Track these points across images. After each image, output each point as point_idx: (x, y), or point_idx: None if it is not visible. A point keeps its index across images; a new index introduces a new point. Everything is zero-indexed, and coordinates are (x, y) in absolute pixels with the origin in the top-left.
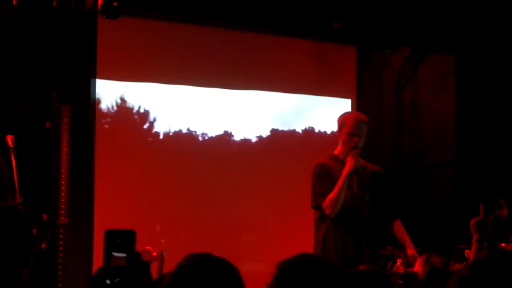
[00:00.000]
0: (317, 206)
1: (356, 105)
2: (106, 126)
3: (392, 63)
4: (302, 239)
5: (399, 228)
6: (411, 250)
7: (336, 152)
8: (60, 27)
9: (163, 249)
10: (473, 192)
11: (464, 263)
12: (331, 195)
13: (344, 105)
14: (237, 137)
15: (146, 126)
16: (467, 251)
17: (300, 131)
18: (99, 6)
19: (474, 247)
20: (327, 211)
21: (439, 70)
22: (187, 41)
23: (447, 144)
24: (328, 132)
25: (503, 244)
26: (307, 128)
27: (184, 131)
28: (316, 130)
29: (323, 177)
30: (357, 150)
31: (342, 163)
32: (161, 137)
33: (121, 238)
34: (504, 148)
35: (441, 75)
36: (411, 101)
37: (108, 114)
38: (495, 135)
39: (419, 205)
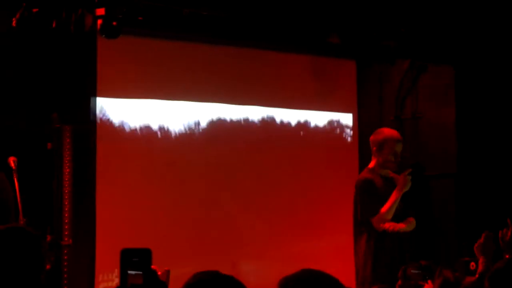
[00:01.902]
0: (366, 221)
1: (357, 119)
2: (107, 144)
3: (391, 76)
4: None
5: None
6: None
7: (371, 165)
8: (60, 47)
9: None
10: (474, 204)
11: (477, 275)
12: (384, 210)
13: (345, 119)
14: (238, 153)
15: (148, 144)
16: (472, 263)
17: (301, 146)
18: (98, 26)
19: (481, 267)
20: (377, 226)
21: (439, 82)
22: (187, 58)
23: (448, 156)
24: (330, 146)
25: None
26: (308, 142)
27: (187, 148)
28: (317, 145)
29: (370, 193)
30: (410, 170)
31: (382, 177)
32: (163, 155)
33: (137, 257)
34: (505, 160)
35: (441, 87)
36: (412, 114)
37: (109, 133)
38: (496, 146)
39: (420, 217)
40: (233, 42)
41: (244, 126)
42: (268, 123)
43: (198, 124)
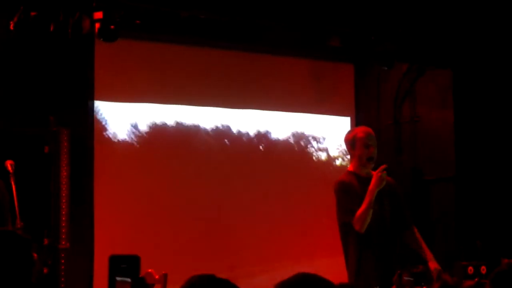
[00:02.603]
0: (346, 223)
1: (355, 123)
2: (105, 148)
3: (390, 80)
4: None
5: (415, 237)
6: (433, 264)
7: (350, 168)
8: (58, 50)
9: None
10: (473, 207)
11: (476, 279)
12: (360, 211)
13: (343, 123)
14: (237, 157)
15: (146, 147)
16: (470, 267)
17: (299, 150)
18: (96, 30)
19: None
20: (357, 227)
21: (437, 85)
22: (185, 62)
23: (446, 159)
24: (328, 149)
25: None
26: (307, 146)
27: (185, 151)
28: (316, 148)
29: (348, 195)
30: (385, 165)
31: (360, 178)
32: (161, 158)
33: (125, 263)
34: (504, 163)
35: (439, 90)
36: (410, 118)
37: (107, 136)
38: (495, 149)
39: (418, 221)
40: (231, 46)
41: (242, 129)
42: (266, 126)
43: (196, 127)
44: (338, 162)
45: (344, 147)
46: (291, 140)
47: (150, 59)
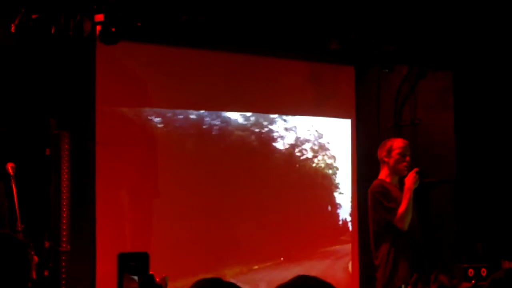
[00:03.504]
0: (388, 223)
1: (355, 125)
2: (106, 150)
3: (390, 82)
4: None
5: None
6: None
7: (382, 176)
8: (59, 53)
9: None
10: (474, 210)
11: (473, 281)
12: (401, 210)
13: (343, 125)
14: (237, 160)
15: (146, 150)
16: (470, 270)
17: (299, 153)
18: (97, 32)
19: None
20: (399, 225)
21: (437, 88)
22: (186, 64)
23: (447, 162)
24: (329, 152)
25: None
26: (306, 148)
27: (185, 154)
28: (316, 150)
29: (386, 196)
30: (417, 169)
31: (392, 185)
32: (161, 161)
33: (134, 261)
34: (504, 166)
35: (439, 93)
36: (410, 120)
37: (108, 139)
38: (495, 152)
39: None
40: (230, 48)
41: (242, 132)
42: (266, 128)
43: (197, 130)
44: (338, 164)
45: (345, 148)
46: (292, 142)
47: (151, 62)
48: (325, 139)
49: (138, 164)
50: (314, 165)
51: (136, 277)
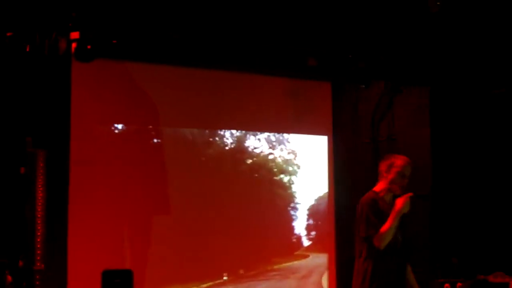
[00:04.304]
0: (368, 237)
1: (332, 141)
2: (81, 169)
3: (367, 98)
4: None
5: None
6: None
7: (376, 189)
8: (35, 71)
9: None
10: (449, 225)
11: None
12: (383, 230)
13: (320, 141)
14: (215, 176)
15: (121, 169)
16: (446, 285)
17: (276, 168)
18: (73, 50)
19: None
20: (377, 244)
21: (414, 104)
22: (162, 82)
23: (422, 178)
24: (306, 168)
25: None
26: (283, 164)
27: (160, 172)
28: (293, 168)
29: (374, 211)
30: (412, 194)
31: (384, 201)
32: (136, 179)
33: (119, 278)
34: (479, 182)
35: (416, 108)
36: (388, 136)
37: (83, 157)
38: (470, 168)
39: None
40: (208, 65)
41: (220, 148)
42: (243, 145)
43: (173, 147)
44: (314, 179)
45: (323, 164)
46: (269, 158)
47: (127, 79)
48: (301, 155)
49: (113, 183)
50: (289, 181)
51: None
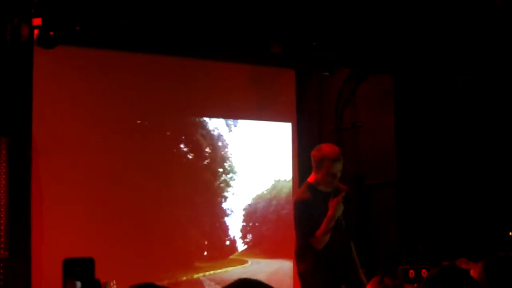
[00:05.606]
0: (306, 244)
1: (296, 129)
2: (44, 156)
3: (331, 85)
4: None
5: None
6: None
7: (311, 180)
8: None
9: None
10: (415, 212)
11: (416, 285)
12: (319, 234)
13: (284, 129)
14: (176, 163)
15: (84, 156)
16: (411, 271)
17: (241, 157)
18: (35, 36)
19: None
20: (316, 246)
21: (378, 91)
22: (125, 68)
23: (388, 165)
24: (268, 156)
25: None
26: (247, 153)
27: (123, 159)
28: (256, 155)
29: (308, 214)
30: (343, 194)
31: (320, 192)
32: (100, 166)
33: (79, 266)
34: (444, 168)
35: (380, 96)
36: (352, 123)
37: (46, 144)
38: (435, 155)
39: (360, 226)
40: (171, 51)
41: (183, 136)
42: (206, 132)
43: (133, 134)
44: (277, 167)
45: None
46: (231, 146)
47: (90, 66)
48: (265, 143)
49: (76, 170)
50: (252, 169)
51: (79, 283)
